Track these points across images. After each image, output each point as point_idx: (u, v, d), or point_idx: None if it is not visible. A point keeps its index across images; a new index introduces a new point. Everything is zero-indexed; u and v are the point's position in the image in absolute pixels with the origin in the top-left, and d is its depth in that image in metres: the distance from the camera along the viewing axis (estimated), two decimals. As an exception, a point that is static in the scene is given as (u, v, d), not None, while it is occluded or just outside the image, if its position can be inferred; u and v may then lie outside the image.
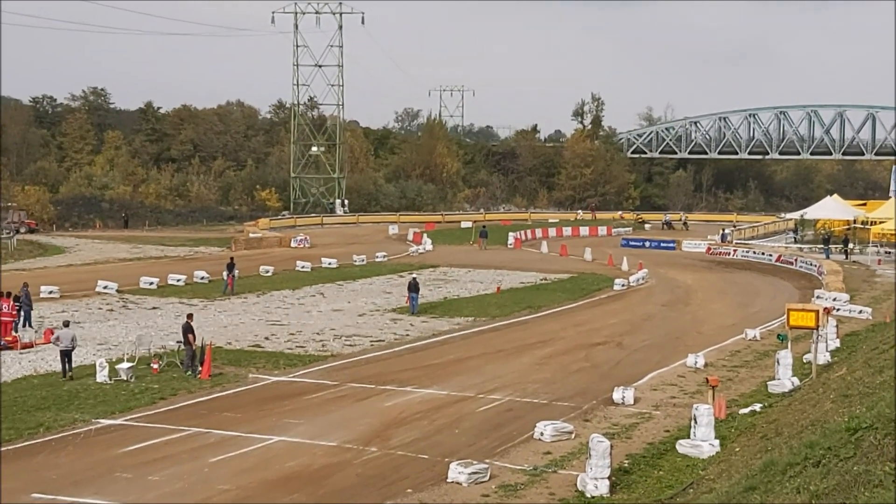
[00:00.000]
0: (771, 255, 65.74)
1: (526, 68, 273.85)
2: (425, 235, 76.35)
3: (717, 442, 20.07)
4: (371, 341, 33.92)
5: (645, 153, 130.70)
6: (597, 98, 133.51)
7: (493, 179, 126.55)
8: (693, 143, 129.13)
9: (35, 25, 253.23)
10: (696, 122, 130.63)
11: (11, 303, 33.03)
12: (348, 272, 56.30)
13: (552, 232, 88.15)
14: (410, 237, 79.11)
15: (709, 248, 72.45)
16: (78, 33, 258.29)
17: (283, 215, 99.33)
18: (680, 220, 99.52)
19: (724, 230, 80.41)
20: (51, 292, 43.18)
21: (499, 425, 22.75)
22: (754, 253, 68.14)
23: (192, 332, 28.25)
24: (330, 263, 59.13)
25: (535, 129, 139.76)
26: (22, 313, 34.91)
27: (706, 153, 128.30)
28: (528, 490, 18.02)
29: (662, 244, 76.58)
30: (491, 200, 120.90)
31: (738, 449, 19.41)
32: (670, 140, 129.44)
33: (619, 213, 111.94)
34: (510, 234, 79.08)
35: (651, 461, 19.72)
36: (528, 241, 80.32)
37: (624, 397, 24.96)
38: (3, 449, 20.23)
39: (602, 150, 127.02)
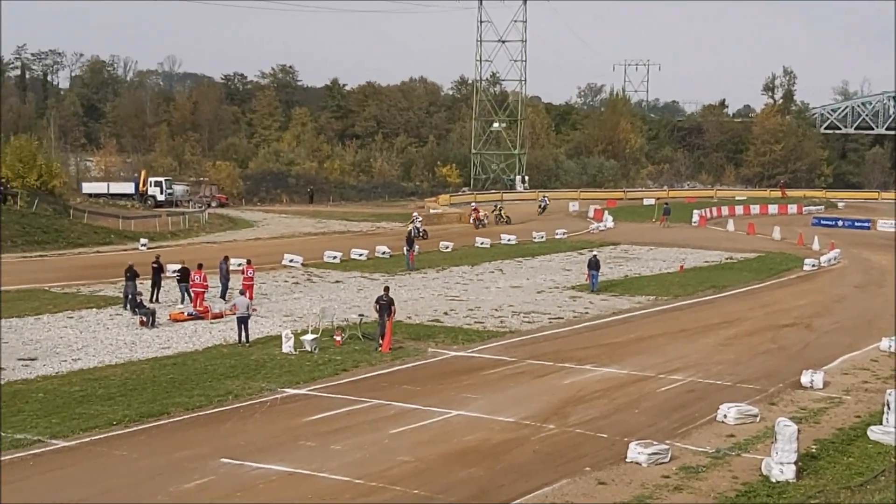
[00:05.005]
0: (975, 236, 62.30)
1: (714, 41, 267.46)
2: (606, 212, 75.55)
3: (912, 430, 19.18)
4: (550, 318, 33.76)
5: (839, 129, 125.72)
6: (789, 72, 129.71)
7: (678, 156, 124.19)
8: (891, 119, 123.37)
9: (227, 4, 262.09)
10: (895, 97, 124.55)
11: (204, 274, 34.29)
12: (527, 249, 56.29)
13: (739, 210, 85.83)
14: (591, 214, 78.43)
15: (906, 229, 69.26)
16: (267, 11, 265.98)
17: (464, 191, 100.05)
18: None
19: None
20: (240, 265, 44.54)
21: (680, 406, 22.31)
22: (957, 233, 64.74)
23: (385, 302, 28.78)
24: (509, 240, 59.23)
25: (722, 104, 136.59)
26: (220, 286, 36.39)
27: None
28: (710, 472, 17.59)
29: (857, 223, 73.67)
30: (675, 177, 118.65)
31: (935, 438, 18.49)
32: (867, 115, 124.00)
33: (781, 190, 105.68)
34: (694, 211, 77.32)
35: (840, 447, 19.07)
36: (714, 220, 78.45)
37: (812, 381, 24.14)
38: (193, 415, 21.03)
39: (793, 125, 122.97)
